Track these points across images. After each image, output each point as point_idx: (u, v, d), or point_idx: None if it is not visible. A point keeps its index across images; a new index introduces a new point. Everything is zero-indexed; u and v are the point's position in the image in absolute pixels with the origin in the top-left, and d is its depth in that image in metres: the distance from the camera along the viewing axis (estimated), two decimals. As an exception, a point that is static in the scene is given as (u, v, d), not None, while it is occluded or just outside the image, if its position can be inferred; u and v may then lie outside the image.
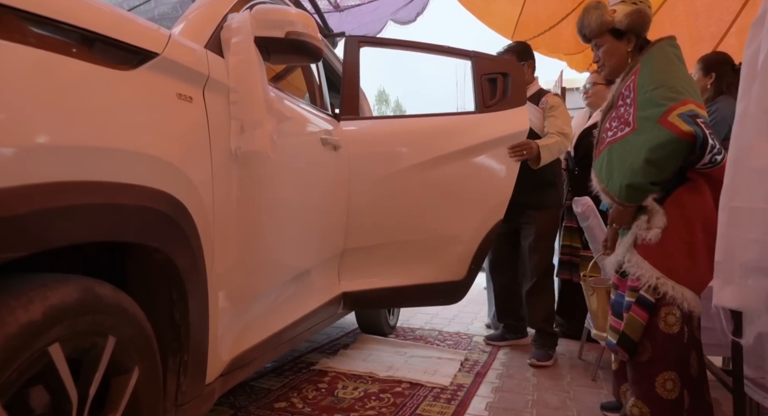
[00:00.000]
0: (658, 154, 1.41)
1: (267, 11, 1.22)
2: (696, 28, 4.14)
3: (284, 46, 1.21)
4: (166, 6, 1.39)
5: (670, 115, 1.41)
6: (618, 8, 1.61)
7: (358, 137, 1.96)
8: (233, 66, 1.13)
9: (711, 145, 1.40)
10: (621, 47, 1.61)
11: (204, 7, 1.22)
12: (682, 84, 1.46)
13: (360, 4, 3.90)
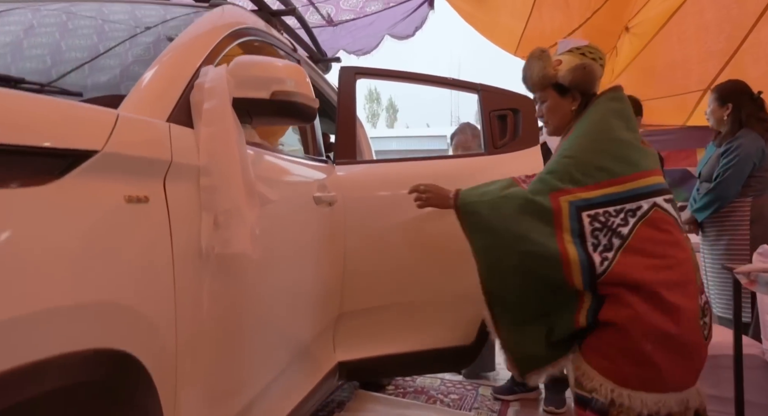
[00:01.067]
0: (529, 208, 1.35)
1: (248, 66, 0.99)
2: (706, 44, 3.96)
3: (270, 109, 0.99)
4: (140, 47, 1.16)
5: (563, 196, 1.27)
6: (564, 59, 1.41)
7: (356, 184, 1.75)
8: (205, 140, 0.91)
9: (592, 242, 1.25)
10: (565, 105, 1.42)
11: (171, 57, 0.99)
12: (600, 161, 1.28)
13: (355, 19, 3.68)
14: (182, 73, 0.98)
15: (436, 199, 1.53)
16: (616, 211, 1.23)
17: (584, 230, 1.23)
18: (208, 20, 1.18)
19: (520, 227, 1.28)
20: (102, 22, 1.13)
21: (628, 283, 1.18)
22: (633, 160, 1.27)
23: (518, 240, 1.28)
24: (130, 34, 1.09)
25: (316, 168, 1.62)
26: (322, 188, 1.57)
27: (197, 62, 1.01)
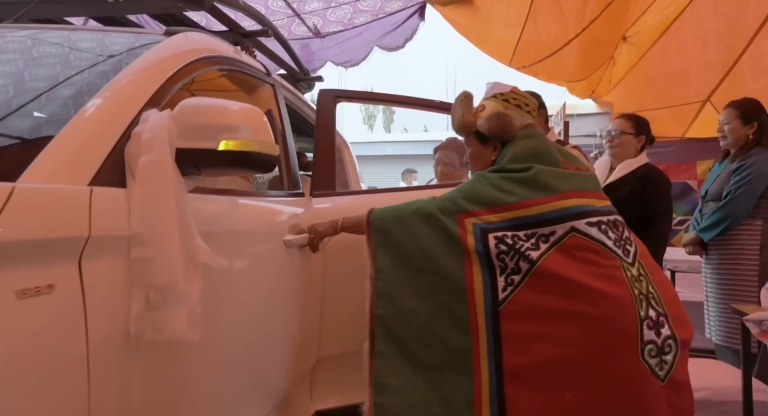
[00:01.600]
0: (431, 225, 1.31)
1: (194, 111, 0.86)
2: (705, 55, 3.86)
3: (221, 160, 0.86)
4: (95, 75, 1.02)
5: (468, 217, 1.23)
6: (487, 105, 1.36)
7: (333, 217, 1.62)
8: (137, 202, 0.77)
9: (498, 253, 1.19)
10: (486, 153, 1.37)
11: (106, 100, 0.85)
12: (509, 187, 1.23)
13: (343, 30, 3.55)
14: (117, 119, 0.85)
15: (325, 230, 1.43)
16: (527, 236, 1.17)
17: (490, 252, 1.16)
18: (160, 52, 1.05)
19: (428, 245, 1.23)
20: (32, 51, 1.00)
21: (533, 313, 1.10)
22: (548, 184, 1.22)
23: (425, 258, 1.22)
24: (62, 68, 0.96)
25: (287, 204, 1.49)
26: (294, 228, 1.44)
27: (138, 105, 0.88)
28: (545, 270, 1.12)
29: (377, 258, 1.28)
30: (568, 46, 3.50)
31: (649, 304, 1.13)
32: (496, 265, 1.16)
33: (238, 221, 1.18)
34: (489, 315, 1.14)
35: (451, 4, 3.33)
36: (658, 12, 3.78)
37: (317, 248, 1.45)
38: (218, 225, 1.07)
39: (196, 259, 0.81)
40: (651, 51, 4.04)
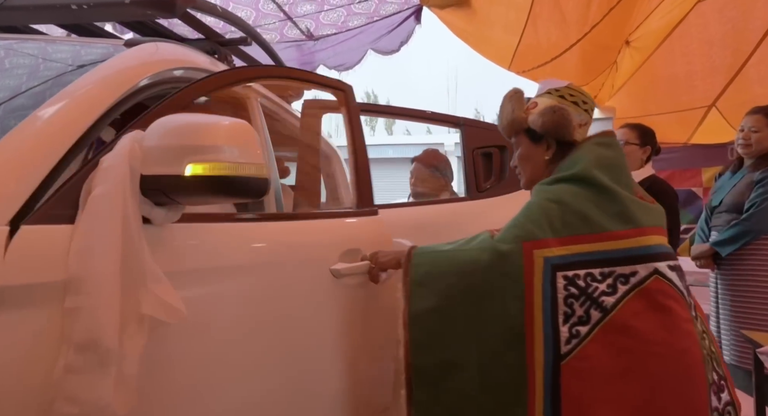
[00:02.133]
0: (491, 262, 1.13)
1: (163, 131, 0.75)
2: (710, 59, 3.75)
3: (192, 187, 0.74)
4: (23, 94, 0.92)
5: (539, 249, 1.06)
6: (540, 102, 1.22)
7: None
8: (77, 241, 0.68)
9: (565, 312, 1.04)
10: (538, 153, 1.22)
11: (44, 120, 0.75)
12: (588, 211, 1.07)
13: (336, 33, 3.46)
14: (55, 143, 0.75)
15: (388, 261, 1.23)
16: (603, 275, 1.01)
17: (557, 295, 1.00)
18: (116, 64, 0.95)
19: (478, 280, 1.05)
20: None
21: (600, 372, 0.96)
22: (630, 214, 1.06)
23: (475, 297, 1.05)
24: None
25: (341, 225, 1.34)
26: (350, 255, 1.24)
27: (79, 129, 0.78)
28: (620, 323, 0.98)
29: (413, 299, 1.10)
30: (569, 51, 3.40)
31: (713, 366, 1.03)
32: (561, 311, 1.00)
33: (257, 251, 1.05)
34: (549, 370, 0.99)
35: (448, 7, 3.23)
36: (662, 16, 3.67)
37: (377, 280, 1.27)
38: (226, 259, 0.96)
39: (140, 312, 0.70)
40: (654, 55, 3.93)
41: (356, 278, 1.25)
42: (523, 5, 3.03)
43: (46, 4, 1.26)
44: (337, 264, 1.20)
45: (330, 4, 3.23)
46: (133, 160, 0.72)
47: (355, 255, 1.27)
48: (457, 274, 1.08)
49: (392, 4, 3.27)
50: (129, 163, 0.72)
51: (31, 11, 1.28)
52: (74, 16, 1.29)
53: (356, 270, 1.23)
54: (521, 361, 1.01)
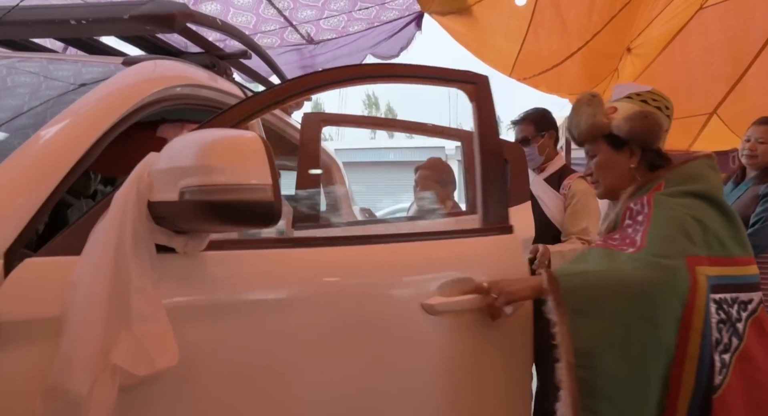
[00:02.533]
0: (661, 282, 0.96)
1: (168, 153, 0.71)
2: (711, 67, 3.75)
3: (190, 214, 0.68)
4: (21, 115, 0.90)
5: (699, 265, 0.96)
6: (620, 106, 1.17)
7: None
8: (72, 276, 0.66)
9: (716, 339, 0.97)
10: (620, 161, 1.16)
11: (40, 145, 0.73)
12: (722, 234, 1.03)
13: (337, 37, 3.45)
14: (50, 168, 0.73)
15: (519, 291, 1.03)
16: (733, 301, 0.96)
17: (711, 319, 0.92)
18: (116, 83, 0.94)
19: (652, 306, 0.91)
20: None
21: (742, 408, 0.88)
22: (744, 240, 1.03)
23: (652, 327, 0.91)
24: None
25: (439, 248, 1.09)
26: (455, 286, 1.03)
27: (75, 154, 0.77)
28: (746, 352, 0.93)
29: (578, 333, 0.91)
30: (570, 59, 3.40)
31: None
32: (714, 337, 0.91)
33: (315, 282, 0.90)
34: (697, 402, 0.89)
35: (450, 14, 3.23)
36: (664, 23, 3.67)
37: (498, 314, 1.04)
38: (269, 291, 0.85)
39: (112, 364, 0.63)
40: (656, 62, 3.93)
41: (461, 315, 1.03)
42: (524, 13, 3.02)
43: (46, 19, 1.25)
44: (431, 298, 0.99)
45: (331, 9, 3.22)
46: (140, 185, 0.69)
47: (463, 286, 1.05)
48: (625, 297, 0.92)
49: (393, 10, 3.27)
50: (136, 189, 0.69)
51: (30, 26, 1.28)
52: (73, 31, 1.28)
53: (461, 305, 1.01)
54: (663, 390, 0.90)
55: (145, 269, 0.68)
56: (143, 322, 0.67)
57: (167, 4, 1.28)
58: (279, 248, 0.91)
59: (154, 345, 0.66)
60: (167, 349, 0.67)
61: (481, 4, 3.07)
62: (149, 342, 0.66)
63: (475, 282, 1.05)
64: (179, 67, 1.19)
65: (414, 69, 1.23)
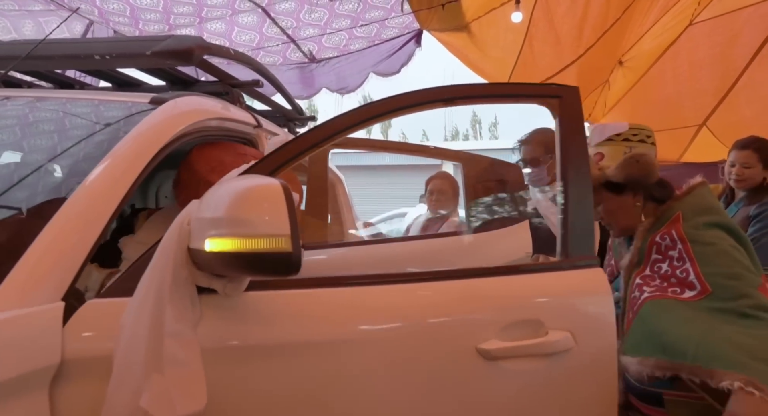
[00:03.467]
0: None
1: (204, 203, 0.75)
2: (699, 81, 3.87)
3: (216, 263, 0.71)
4: (66, 159, 0.93)
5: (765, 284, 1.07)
6: (606, 152, 1.24)
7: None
8: (121, 320, 0.71)
9: None
10: (626, 203, 1.24)
11: (74, 204, 0.77)
12: (746, 255, 1.14)
13: (339, 56, 3.53)
14: (91, 222, 0.78)
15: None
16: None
17: None
18: (151, 123, 1.00)
19: None
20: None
21: None
22: (757, 264, 1.14)
23: None
24: (29, 149, 0.92)
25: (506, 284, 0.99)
26: (522, 329, 0.92)
27: (114, 202, 0.84)
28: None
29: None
30: (564, 72, 3.50)
31: None
32: None
33: (357, 323, 0.87)
34: None
35: (448, 31, 3.32)
36: (654, 37, 3.79)
37: None
38: (310, 333, 0.83)
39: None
40: (647, 75, 4.05)
41: (522, 362, 0.92)
42: (520, 28, 3.12)
43: (71, 54, 1.33)
44: (488, 342, 0.89)
45: (332, 27, 3.30)
46: (181, 232, 0.74)
47: (532, 329, 0.93)
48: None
49: (393, 29, 3.36)
50: (177, 236, 0.74)
51: (56, 60, 1.35)
52: (97, 65, 1.36)
53: (523, 350, 0.91)
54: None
55: (183, 313, 0.72)
56: (175, 367, 0.69)
57: (185, 39, 1.36)
58: (325, 287, 0.89)
59: (180, 391, 0.68)
60: (194, 395, 0.69)
61: (479, 21, 3.17)
62: (177, 388, 0.68)
63: (543, 326, 0.94)
64: (199, 102, 1.26)
65: (494, 88, 1.25)
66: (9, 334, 0.61)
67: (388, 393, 0.86)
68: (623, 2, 3.15)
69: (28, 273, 0.69)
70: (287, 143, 0.96)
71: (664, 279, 1.14)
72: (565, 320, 0.94)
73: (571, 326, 0.93)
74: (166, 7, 2.91)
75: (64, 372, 0.66)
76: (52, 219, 0.75)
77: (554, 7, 3.03)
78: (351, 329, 0.86)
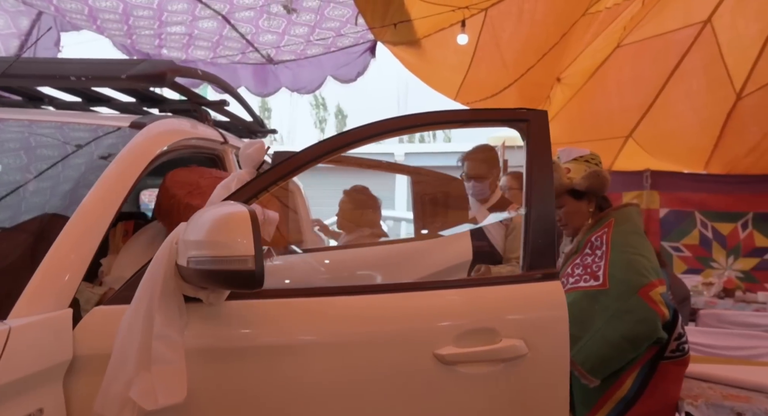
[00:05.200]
0: (638, 330, 1.36)
1: (189, 225, 0.87)
2: (624, 98, 4.31)
3: (195, 278, 0.84)
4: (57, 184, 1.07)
5: (652, 290, 1.40)
6: (572, 167, 1.60)
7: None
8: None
9: (679, 333, 1.46)
10: (582, 207, 1.62)
11: (71, 230, 0.88)
12: (654, 260, 1.50)
13: (296, 59, 3.66)
14: (89, 239, 0.91)
15: None
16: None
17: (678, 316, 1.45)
18: (136, 147, 1.12)
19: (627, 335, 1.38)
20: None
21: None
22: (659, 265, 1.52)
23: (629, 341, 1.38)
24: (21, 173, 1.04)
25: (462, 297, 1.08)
26: (476, 336, 1.00)
27: (106, 220, 0.97)
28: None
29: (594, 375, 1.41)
30: (508, 89, 3.80)
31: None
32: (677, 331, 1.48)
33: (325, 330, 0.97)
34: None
35: (401, 44, 3.53)
36: (588, 57, 4.17)
37: None
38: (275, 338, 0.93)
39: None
40: (581, 91, 4.44)
41: (477, 366, 1.00)
42: (467, 50, 3.38)
43: (47, 74, 1.41)
44: (445, 348, 0.97)
45: (290, 34, 3.42)
46: (171, 249, 0.86)
47: (486, 337, 1.01)
48: (623, 352, 1.44)
49: (348, 38, 3.52)
50: (168, 252, 0.87)
51: (31, 79, 1.42)
52: (72, 84, 1.44)
53: (476, 356, 0.98)
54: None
55: (171, 318, 0.85)
56: (161, 365, 0.81)
57: (158, 63, 1.48)
58: (298, 297, 1.00)
59: (164, 385, 0.79)
60: (176, 389, 0.80)
61: (429, 38, 3.39)
62: (161, 382, 0.79)
63: (498, 335, 1.02)
64: (174, 124, 1.38)
65: (466, 114, 1.46)
66: (29, 336, 0.74)
67: (351, 392, 0.96)
68: (561, 28, 3.47)
69: (39, 286, 0.82)
70: (264, 173, 1.09)
71: (585, 268, 1.53)
72: (519, 329, 1.02)
73: (524, 334, 1.01)
74: (126, 9, 2.93)
75: (75, 366, 0.80)
76: (57, 239, 0.87)
77: (499, 32, 3.30)
78: (318, 334, 0.96)
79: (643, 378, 1.41)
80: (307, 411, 0.94)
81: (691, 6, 3.70)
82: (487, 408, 1.02)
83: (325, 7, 3.09)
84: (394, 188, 10.02)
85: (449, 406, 1.00)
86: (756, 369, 1.77)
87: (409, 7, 3.02)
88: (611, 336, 1.36)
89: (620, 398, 1.42)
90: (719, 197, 4.42)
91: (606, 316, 1.38)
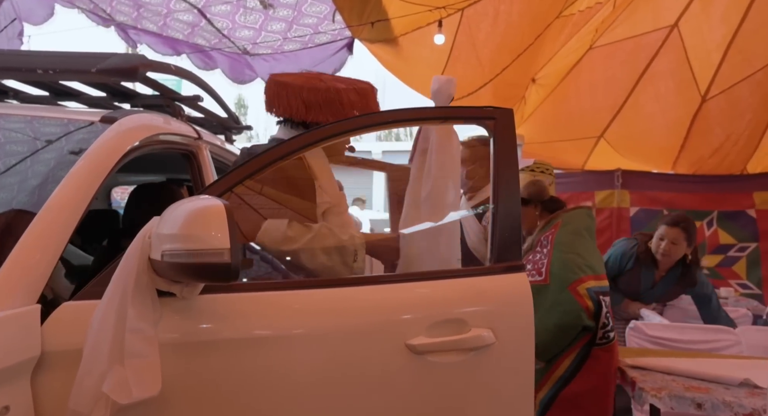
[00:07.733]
0: (565, 320, 1.60)
1: (162, 219, 0.86)
2: (596, 99, 4.42)
3: (169, 271, 0.84)
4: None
5: (580, 285, 1.62)
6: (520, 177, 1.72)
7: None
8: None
9: (603, 323, 1.62)
10: (529, 212, 1.83)
11: (38, 226, 0.87)
12: (591, 258, 1.69)
13: (272, 53, 3.63)
14: (57, 235, 0.90)
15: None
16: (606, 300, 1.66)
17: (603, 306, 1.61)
18: (106, 140, 1.10)
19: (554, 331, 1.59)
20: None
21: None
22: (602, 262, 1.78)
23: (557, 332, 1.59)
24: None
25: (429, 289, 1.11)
26: (446, 327, 1.03)
27: (76, 215, 0.95)
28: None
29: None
30: (483, 88, 3.85)
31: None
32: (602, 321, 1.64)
33: (303, 322, 0.98)
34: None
35: (378, 42, 3.54)
36: (562, 59, 4.26)
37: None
38: (255, 330, 0.94)
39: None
40: (555, 92, 4.53)
41: (447, 355, 1.02)
42: (444, 49, 3.41)
43: (13, 66, 1.37)
44: (416, 338, 0.99)
45: (267, 31, 3.40)
46: (144, 244, 0.85)
47: (456, 327, 1.04)
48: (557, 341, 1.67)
49: (326, 35, 3.51)
50: (140, 247, 0.85)
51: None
52: (39, 77, 1.41)
53: (446, 345, 1.01)
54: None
55: (144, 312, 0.84)
56: (135, 358, 0.80)
57: (130, 57, 1.46)
58: (269, 291, 1.01)
59: (138, 379, 0.78)
60: (150, 382, 0.80)
61: (406, 37, 3.41)
62: (134, 376, 0.78)
63: (467, 325, 1.05)
64: (146, 119, 1.36)
65: (436, 112, 1.39)
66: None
67: (326, 383, 0.98)
68: (536, 30, 3.54)
69: (5, 282, 0.80)
70: (243, 163, 1.09)
71: (534, 264, 1.74)
72: (487, 319, 1.05)
73: (492, 324, 1.05)
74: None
75: (44, 363, 0.79)
76: (23, 235, 0.86)
77: (475, 32, 3.35)
78: (292, 327, 0.97)
79: (579, 362, 1.61)
80: (282, 403, 0.96)
81: (660, 10, 3.82)
82: (458, 395, 1.05)
83: (302, 3, 3.08)
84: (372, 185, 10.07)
85: (421, 394, 1.03)
86: (717, 361, 1.85)
87: (386, 5, 3.04)
88: (548, 324, 1.55)
89: (558, 377, 1.62)
90: (686, 196, 4.56)
91: (545, 307, 1.57)
